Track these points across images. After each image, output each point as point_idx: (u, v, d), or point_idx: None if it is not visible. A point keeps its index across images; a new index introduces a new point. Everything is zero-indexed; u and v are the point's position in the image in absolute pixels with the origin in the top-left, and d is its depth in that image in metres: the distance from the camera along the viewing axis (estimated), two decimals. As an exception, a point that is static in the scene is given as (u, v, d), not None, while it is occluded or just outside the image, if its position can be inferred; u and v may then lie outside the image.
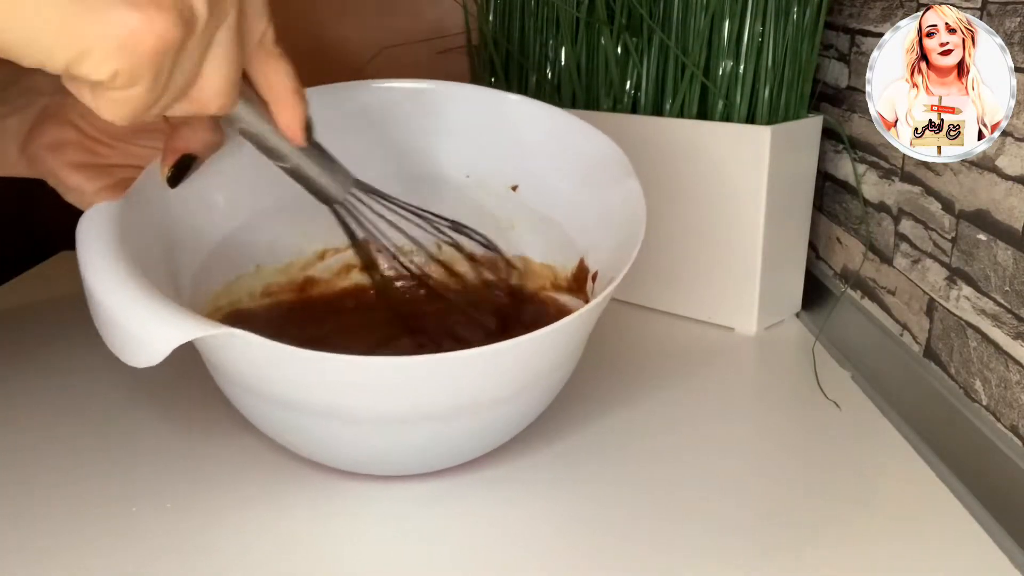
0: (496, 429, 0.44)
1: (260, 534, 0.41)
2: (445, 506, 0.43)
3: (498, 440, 0.45)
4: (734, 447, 0.49)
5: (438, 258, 0.57)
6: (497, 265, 0.56)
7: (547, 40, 0.69)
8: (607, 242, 0.48)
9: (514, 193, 0.54)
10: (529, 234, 0.55)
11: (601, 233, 0.49)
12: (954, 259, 0.49)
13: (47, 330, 0.65)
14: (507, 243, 0.56)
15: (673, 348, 0.62)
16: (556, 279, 0.54)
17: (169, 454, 0.48)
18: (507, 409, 0.43)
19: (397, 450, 0.43)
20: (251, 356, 0.38)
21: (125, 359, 0.36)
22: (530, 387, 0.43)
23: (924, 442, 0.49)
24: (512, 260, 0.55)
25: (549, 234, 0.54)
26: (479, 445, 0.45)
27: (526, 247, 0.55)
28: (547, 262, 0.54)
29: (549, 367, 0.43)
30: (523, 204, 0.54)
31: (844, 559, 0.39)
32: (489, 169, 0.55)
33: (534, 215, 0.54)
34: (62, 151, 0.44)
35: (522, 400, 0.43)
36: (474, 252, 0.56)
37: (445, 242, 0.56)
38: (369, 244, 0.54)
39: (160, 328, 0.35)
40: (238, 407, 0.44)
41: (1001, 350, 0.44)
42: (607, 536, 0.41)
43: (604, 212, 0.49)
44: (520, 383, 0.41)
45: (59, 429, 0.50)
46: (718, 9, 0.58)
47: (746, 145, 0.58)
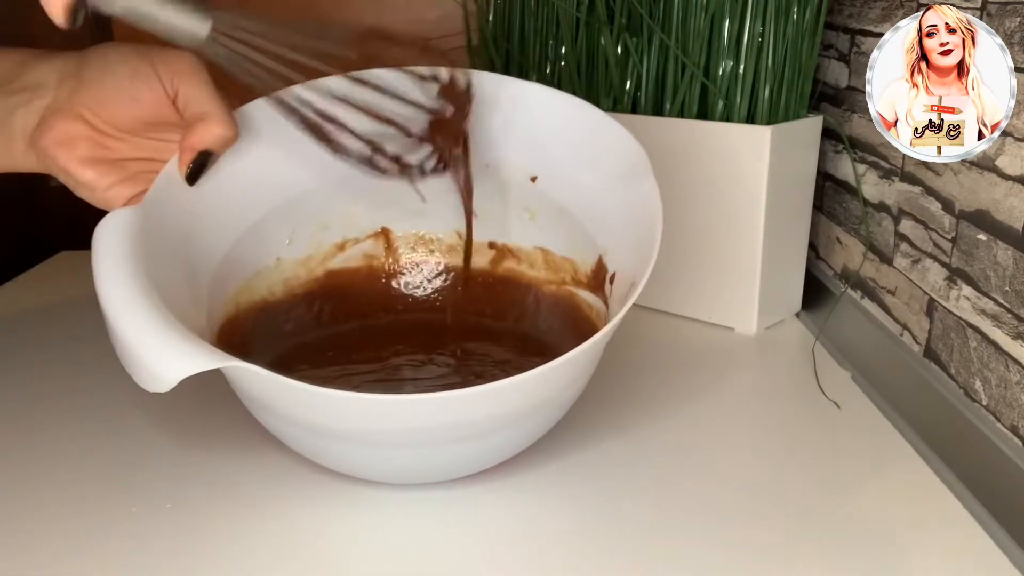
0: (516, 441, 0.44)
1: (264, 537, 0.41)
2: (455, 513, 0.43)
3: (516, 450, 0.45)
4: (734, 447, 0.49)
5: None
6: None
7: (547, 40, 0.69)
8: (624, 243, 0.48)
9: (533, 184, 0.54)
10: (550, 226, 0.54)
11: (618, 233, 0.49)
12: (954, 259, 0.49)
13: (47, 330, 0.65)
14: (529, 234, 0.55)
15: (673, 348, 0.62)
16: (576, 274, 0.53)
17: (170, 454, 0.48)
18: (527, 424, 0.43)
19: (411, 465, 0.43)
20: (266, 386, 0.39)
21: (138, 382, 0.37)
22: (550, 402, 0.43)
23: (924, 442, 0.49)
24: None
25: (569, 227, 0.53)
26: (497, 456, 0.45)
27: (547, 239, 0.55)
28: (568, 256, 0.54)
29: (568, 383, 0.43)
30: (543, 195, 0.54)
31: (844, 558, 0.39)
32: (508, 158, 0.54)
33: (554, 207, 0.54)
34: (72, 146, 0.43)
35: (541, 414, 0.43)
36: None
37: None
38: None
39: (171, 360, 0.36)
40: (258, 419, 0.44)
41: (1001, 350, 0.44)
42: (607, 536, 0.41)
43: (621, 211, 0.49)
44: (542, 400, 0.42)
45: (60, 429, 0.50)
46: (718, 9, 0.58)
47: (746, 145, 0.58)
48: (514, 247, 0.56)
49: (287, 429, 0.43)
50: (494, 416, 0.40)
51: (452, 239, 0.57)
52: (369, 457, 0.43)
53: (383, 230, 0.57)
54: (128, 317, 0.38)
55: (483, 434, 0.41)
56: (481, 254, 0.57)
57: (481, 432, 0.41)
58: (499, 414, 0.40)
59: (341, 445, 0.42)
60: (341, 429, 0.40)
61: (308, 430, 0.41)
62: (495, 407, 0.39)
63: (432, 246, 0.58)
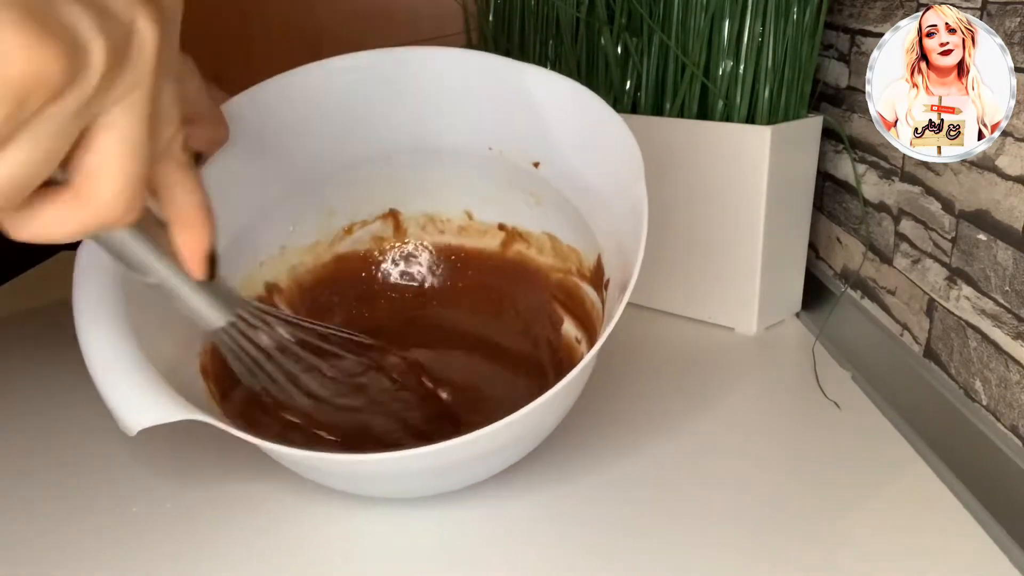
0: (512, 453, 0.44)
1: (264, 538, 0.41)
2: (452, 515, 0.43)
3: (510, 462, 0.45)
4: (734, 447, 0.49)
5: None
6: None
7: (547, 40, 0.69)
8: (616, 250, 0.47)
9: (536, 170, 0.53)
10: (554, 213, 0.54)
11: (612, 239, 0.48)
12: (954, 259, 0.49)
13: (47, 331, 0.65)
14: (535, 219, 0.55)
15: (673, 348, 0.62)
16: (581, 266, 0.53)
17: (172, 453, 0.48)
18: (524, 442, 0.43)
19: (409, 483, 0.43)
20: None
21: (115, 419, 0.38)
22: (546, 418, 0.43)
23: (924, 442, 0.49)
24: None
25: (571, 217, 0.53)
26: (493, 468, 0.45)
27: (553, 225, 0.55)
28: (574, 245, 0.53)
29: (564, 402, 0.43)
30: (546, 182, 0.53)
31: (844, 558, 0.39)
32: (511, 143, 0.53)
33: (557, 196, 0.53)
34: None
35: (535, 431, 0.43)
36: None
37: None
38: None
39: (132, 410, 0.37)
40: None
41: (1001, 350, 0.44)
42: (606, 537, 0.41)
43: (617, 217, 0.48)
44: (536, 423, 0.42)
45: (59, 429, 0.50)
46: (718, 9, 0.58)
47: (746, 145, 0.58)
48: (523, 230, 0.56)
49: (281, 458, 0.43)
50: (475, 456, 0.40)
51: (462, 219, 0.57)
52: (359, 484, 0.43)
53: (391, 211, 0.57)
54: (100, 362, 0.39)
55: (470, 461, 0.42)
56: (492, 236, 0.57)
57: (468, 461, 0.41)
58: (479, 454, 0.40)
59: (328, 479, 0.43)
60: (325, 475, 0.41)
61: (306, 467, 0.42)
62: (475, 450, 0.39)
63: (442, 226, 0.58)
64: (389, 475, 0.41)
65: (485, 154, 0.53)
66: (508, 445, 0.42)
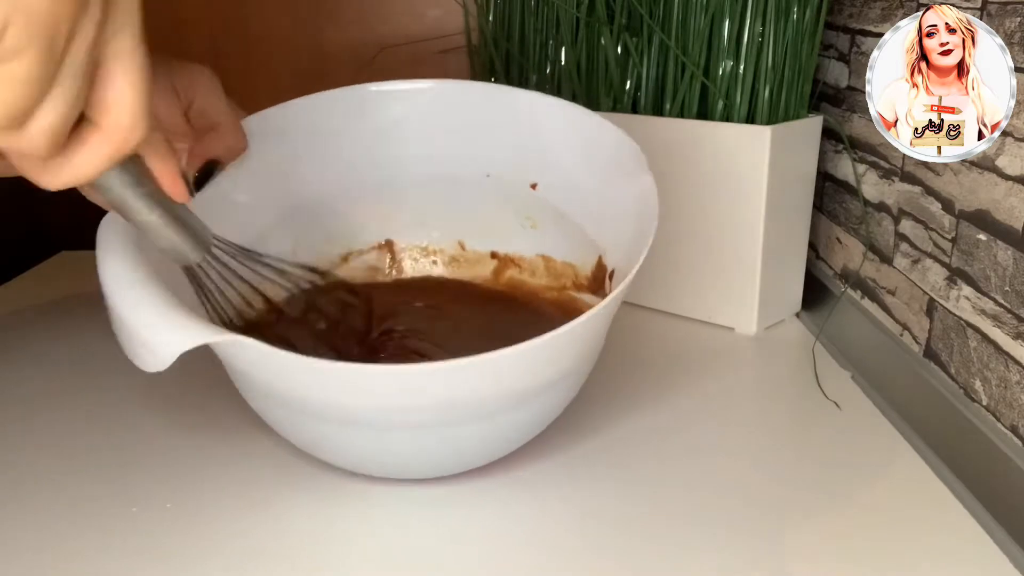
0: (516, 432, 0.44)
1: (264, 537, 0.41)
2: (456, 509, 0.43)
3: (515, 444, 0.45)
4: (734, 447, 0.49)
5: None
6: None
7: (547, 40, 0.69)
8: (623, 239, 0.48)
9: (534, 192, 0.55)
10: (551, 233, 0.55)
11: (617, 230, 0.49)
12: (954, 259, 0.49)
13: (47, 330, 0.65)
14: (530, 242, 0.56)
15: (673, 348, 0.62)
16: (577, 278, 0.54)
17: (172, 452, 0.48)
18: (524, 414, 0.43)
19: (412, 455, 0.43)
20: (264, 364, 0.38)
21: (137, 364, 0.36)
22: (549, 389, 0.43)
23: (924, 442, 0.49)
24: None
25: (569, 232, 0.54)
26: (497, 450, 0.45)
27: (548, 246, 0.56)
28: (569, 260, 0.55)
29: (563, 371, 0.43)
30: (543, 202, 0.54)
31: (844, 558, 0.39)
32: (508, 168, 0.55)
33: (554, 213, 0.54)
34: None
35: (537, 405, 0.43)
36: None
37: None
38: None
39: (167, 333, 0.35)
40: (257, 411, 0.44)
41: (1001, 350, 0.44)
42: (605, 537, 0.41)
43: (620, 208, 0.49)
44: (539, 384, 0.42)
45: (59, 429, 0.50)
46: (718, 9, 0.58)
47: (746, 145, 0.58)
48: (516, 256, 0.57)
49: (285, 416, 0.43)
50: (497, 394, 0.39)
51: (455, 249, 0.58)
52: (368, 444, 0.42)
53: (387, 242, 0.58)
54: (127, 291, 0.37)
55: (484, 416, 0.41)
56: (484, 265, 0.58)
57: (482, 414, 0.40)
58: (501, 391, 0.39)
59: (340, 430, 0.41)
60: (341, 406, 0.39)
61: (308, 414, 0.41)
62: (496, 382, 0.39)
63: (435, 257, 0.58)
64: (409, 410, 0.39)
65: (482, 182, 0.55)
66: (547, 385, 0.41)
